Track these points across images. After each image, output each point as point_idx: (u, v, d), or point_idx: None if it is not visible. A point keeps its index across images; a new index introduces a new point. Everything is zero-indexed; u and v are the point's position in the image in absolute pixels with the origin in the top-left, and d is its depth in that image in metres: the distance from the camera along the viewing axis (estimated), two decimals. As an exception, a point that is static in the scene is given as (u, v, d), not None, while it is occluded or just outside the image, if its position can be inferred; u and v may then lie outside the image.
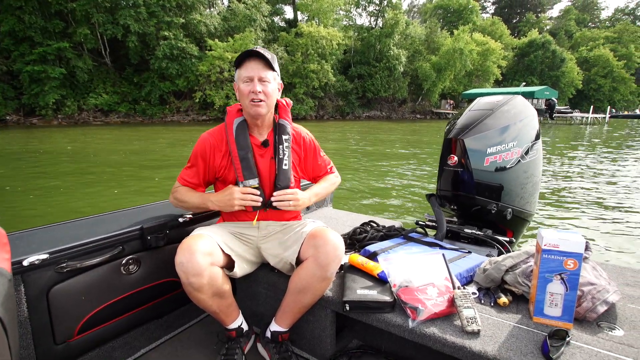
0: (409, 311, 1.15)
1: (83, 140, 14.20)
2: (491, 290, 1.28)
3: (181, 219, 1.62)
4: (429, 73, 32.87)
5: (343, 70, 32.11)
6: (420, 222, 1.93)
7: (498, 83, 39.65)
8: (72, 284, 1.30)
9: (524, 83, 37.54)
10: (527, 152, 1.75)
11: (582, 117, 32.02)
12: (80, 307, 1.33)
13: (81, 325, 1.34)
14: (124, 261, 1.44)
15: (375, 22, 37.33)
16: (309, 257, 1.31)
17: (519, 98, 1.83)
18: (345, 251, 1.43)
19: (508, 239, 1.67)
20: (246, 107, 1.41)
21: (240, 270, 1.41)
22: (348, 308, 1.24)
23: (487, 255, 1.58)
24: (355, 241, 1.76)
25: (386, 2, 35.35)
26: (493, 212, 1.72)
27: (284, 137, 1.49)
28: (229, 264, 1.39)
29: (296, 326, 1.45)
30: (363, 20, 54.80)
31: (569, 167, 9.10)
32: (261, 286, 1.62)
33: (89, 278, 1.34)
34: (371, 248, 1.56)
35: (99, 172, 7.99)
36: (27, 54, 19.99)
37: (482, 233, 1.70)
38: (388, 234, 1.79)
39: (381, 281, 1.32)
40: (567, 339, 0.98)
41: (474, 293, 1.28)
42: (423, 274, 1.25)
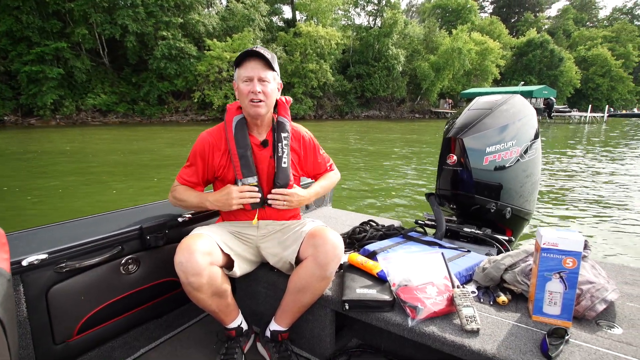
0: (409, 310, 1.15)
1: (81, 140, 14.17)
2: (490, 289, 1.28)
3: (180, 219, 1.62)
4: (428, 72, 32.82)
5: (342, 69, 32.06)
6: (419, 221, 1.93)
7: (496, 82, 39.66)
8: (72, 284, 1.29)
9: (523, 82, 37.50)
10: (526, 151, 1.76)
11: (581, 116, 32.09)
12: (79, 307, 1.33)
13: (80, 325, 1.34)
14: (123, 261, 1.44)
15: (373, 22, 37.28)
16: (309, 257, 1.31)
17: (518, 97, 1.84)
18: (344, 250, 1.43)
19: (507, 238, 1.67)
20: (245, 107, 1.41)
21: (239, 269, 1.41)
22: (347, 307, 1.24)
23: (487, 254, 1.58)
24: (354, 240, 1.76)
25: (385, 2, 35.31)
26: (492, 211, 1.72)
27: (283, 135, 1.49)
28: (229, 264, 1.39)
29: (296, 325, 1.45)
30: (362, 19, 54.82)
31: (568, 166, 9.11)
32: (261, 285, 1.62)
33: (88, 278, 1.34)
34: (370, 247, 1.56)
35: (98, 172, 7.97)
36: (25, 54, 19.90)
37: (482, 232, 1.71)
38: (387, 233, 1.79)
39: (380, 280, 1.32)
40: (566, 338, 0.98)
41: (473, 292, 1.28)
42: (422, 273, 1.25)
